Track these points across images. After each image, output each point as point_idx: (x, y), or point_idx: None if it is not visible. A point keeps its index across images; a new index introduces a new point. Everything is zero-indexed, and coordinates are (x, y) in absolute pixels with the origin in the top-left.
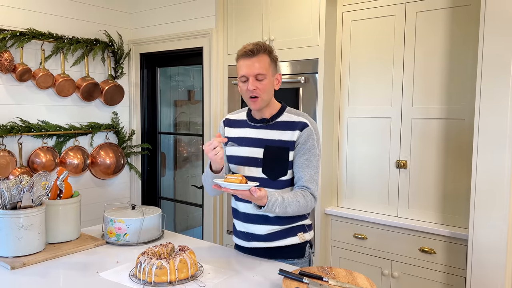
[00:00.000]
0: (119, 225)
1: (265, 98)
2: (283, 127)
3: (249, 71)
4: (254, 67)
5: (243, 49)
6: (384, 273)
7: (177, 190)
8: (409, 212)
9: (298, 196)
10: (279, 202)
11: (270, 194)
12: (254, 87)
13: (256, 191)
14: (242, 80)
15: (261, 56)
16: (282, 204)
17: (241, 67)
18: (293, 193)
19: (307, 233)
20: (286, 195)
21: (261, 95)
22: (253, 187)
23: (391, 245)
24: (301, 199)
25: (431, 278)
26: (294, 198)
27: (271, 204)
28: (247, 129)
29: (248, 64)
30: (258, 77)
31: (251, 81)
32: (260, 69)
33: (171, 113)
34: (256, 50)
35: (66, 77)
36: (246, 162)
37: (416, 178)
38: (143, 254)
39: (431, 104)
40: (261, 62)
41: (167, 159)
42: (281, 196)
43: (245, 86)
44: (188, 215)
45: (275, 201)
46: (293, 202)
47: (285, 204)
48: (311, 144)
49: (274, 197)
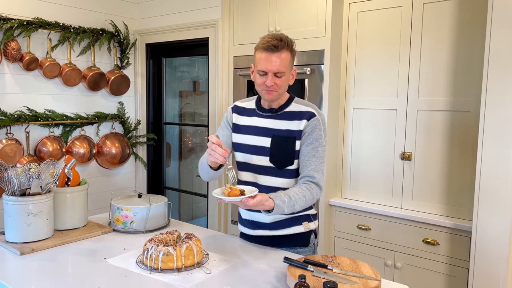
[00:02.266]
0: (126, 213)
1: (280, 92)
2: (291, 117)
3: (270, 67)
4: (276, 64)
5: (267, 42)
6: (387, 263)
7: (182, 180)
8: (413, 203)
9: (304, 191)
10: (286, 202)
11: (276, 196)
12: (272, 83)
13: (248, 200)
14: (260, 74)
15: (284, 52)
16: (289, 203)
17: (261, 61)
18: (299, 189)
19: (311, 223)
20: (291, 193)
21: (278, 90)
22: (245, 197)
23: (394, 236)
24: (307, 194)
25: (434, 269)
26: (300, 193)
27: (279, 206)
28: (256, 118)
29: (270, 60)
30: (277, 74)
31: (270, 77)
32: (280, 67)
33: (177, 104)
34: (280, 46)
35: (72, 66)
36: (254, 150)
37: (421, 170)
38: (150, 241)
39: (436, 96)
40: (283, 59)
41: (172, 150)
42: (287, 196)
43: (262, 79)
44: (193, 205)
45: (282, 202)
46: (299, 199)
47: (292, 202)
48: (318, 134)
49: (281, 198)
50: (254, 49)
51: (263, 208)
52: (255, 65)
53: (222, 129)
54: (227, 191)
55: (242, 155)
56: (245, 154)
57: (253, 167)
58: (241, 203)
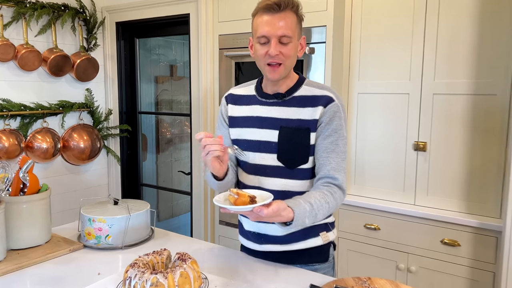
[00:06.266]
0: (99, 225)
1: (288, 65)
2: (303, 103)
3: (273, 30)
4: (279, 26)
5: (265, 0)
6: (399, 267)
7: (160, 175)
8: (428, 199)
9: (326, 196)
10: (308, 212)
11: (295, 204)
12: (277, 52)
13: (261, 210)
14: (261, 42)
15: (288, 13)
16: (311, 213)
17: (261, 24)
18: (320, 193)
19: (330, 232)
20: (313, 199)
21: (284, 62)
22: (257, 206)
23: (407, 237)
24: (330, 199)
25: (454, 273)
26: (323, 199)
27: (299, 217)
28: (257, 106)
29: (272, 22)
30: (282, 40)
31: (274, 44)
32: (286, 30)
33: (152, 91)
34: (283, 4)
35: (29, 48)
36: (257, 147)
37: (437, 162)
38: (132, 266)
39: (456, 77)
40: (288, 20)
41: (148, 142)
42: (308, 203)
43: (264, 49)
44: (172, 202)
45: (302, 211)
46: (322, 206)
47: (315, 211)
48: (338, 123)
49: (301, 206)
50: (251, 16)
51: (280, 220)
52: (254, 32)
53: (219, 128)
54: (233, 198)
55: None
56: (247, 153)
57: (257, 167)
58: (251, 214)
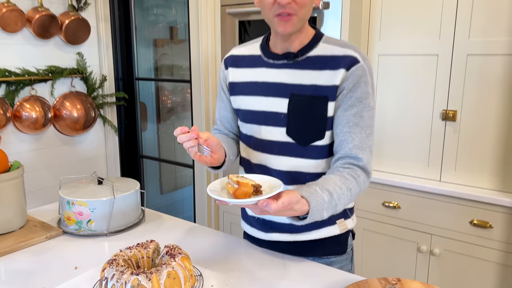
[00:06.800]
0: (79, 209)
1: (302, 16)
2: (319, 64)
3: None
4: None
5: None
6: (421, 249)
7: (162, 146)
8: (456, 175)
9: (348, 181)
10: (326, 203)
11: (310, 194)
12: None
13: (269, 204)
14: None
15: None
16: (330, 204)
17: None
18: (341, 178)
19: (349, 219)
20: (331, 186)
21: (298, 12)
22: (264, 199)
23: (431, 216)
24: (352, 185)
25: (484, 257)
26: (344, 186)
27: (315, 210)
28: (263, 69)
29: None
30: None
31: None
32: None
33: (151, 55)
34: None
35: (11, 6)
36: (263, 119)
37: (468, 133)
38: (110, 264)
39: (495, 35)
40: None
41: (148, 111)
42: (326, 192)
43: None
44: (176, 174)
45: (320, 203)
46: (343, 194)
47: (334, 202)
48: (363, 91)
49: (317, 196)
50: None
51: (292, 215)
52: None
53: (219, 101)
54: (233, 188)
55: (245, 126)
56: (249, 125)
57: (262, 144)
58: (256, 208)
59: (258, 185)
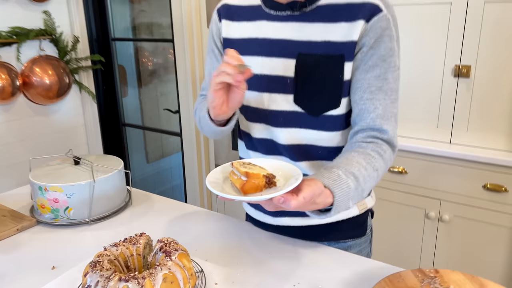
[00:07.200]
0: (54, 195)
1: None
2: (333, 15)
3: None
4: None
5: None
6: (429, 215)
7: (145, 112)
8: (468, 137)
9: (374, 160)
10: (352, 190)
11: (334, 181)
12: None
13: (287, 201)
14: None
15: None
16: (356, 191)
17: None
18: (365, 157)
19: (368, 198)
20: (356, 167)
21: None
22: (280, 194)
23: (440, 181)
24: (379, 164)
25: (497, 223)
26: (370, 165)
27: (340, 201)
28: (264, 23)
29: None
30: None
31: None
32: None
33: (127, 13)
34: None
35: None
36: (265, 85)
37: (483, 91)
38: (93, 267)
39: None
40: None
41: (128, 74)
42: (351, 176)
43: None
44: (162, 141)
45: (345, 192)
46: (369, 176)
47: (361, 187)
48: (388, 47)
49: (343, 185)
50: None
51: (314, 209)
52: None
53: (209, 60)
54: (239, 180)
55: (246, 93)
56: (249, 93)
57: (265, 115)
58: (269, 204)
59: (271, 175)
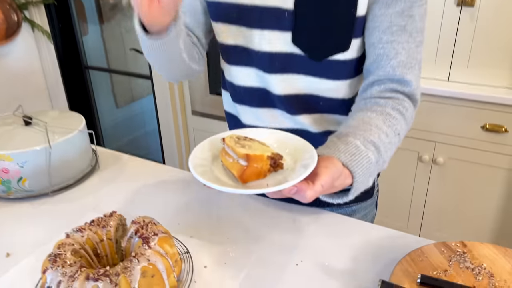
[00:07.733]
0: (3, 165)
1: None
2: None
3: None
4: None
5: None
6: (423, 159)
7: (110, 52)
8: (468, 73)
9: (396, 121)
10: (373, 164)
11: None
12: None
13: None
14: None
15: None
16: (377, 164)
17: None
18: (385, 118)
19: None
20: (375, 134)
21: None
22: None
23: (436, 122)
24: (401, 126)
25: (495, 164)
26: (391, 129)
27: (360, 181)
28: None
29: None
30: None
31: None
32: None
33: None
34: None
35: None
36: (257, 20)
37: (489, 21)
38: (53, 261)
39: None
40: None
41: (86, 10)
42: (372, 147)
43: None
44: (131, 84)
45: (366, 168)
46: (391, 143)
47: (382, 158)
48: None
49: (363, 159)
50: None
51: (333, 191)
52: None
53: None
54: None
55: (228, 31)
56: (235, 28)
57: (256, 57)
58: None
59: (277, 154)
